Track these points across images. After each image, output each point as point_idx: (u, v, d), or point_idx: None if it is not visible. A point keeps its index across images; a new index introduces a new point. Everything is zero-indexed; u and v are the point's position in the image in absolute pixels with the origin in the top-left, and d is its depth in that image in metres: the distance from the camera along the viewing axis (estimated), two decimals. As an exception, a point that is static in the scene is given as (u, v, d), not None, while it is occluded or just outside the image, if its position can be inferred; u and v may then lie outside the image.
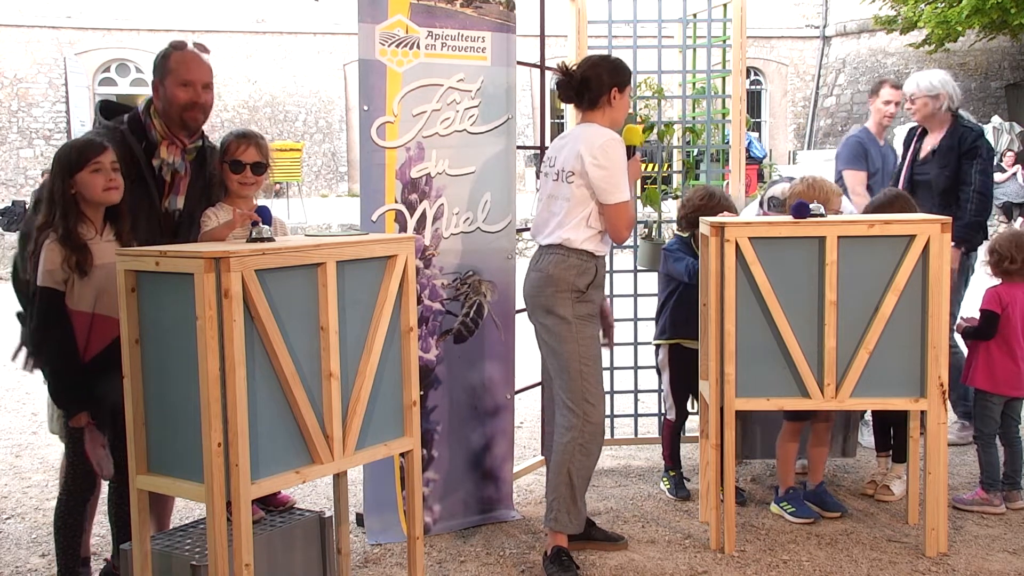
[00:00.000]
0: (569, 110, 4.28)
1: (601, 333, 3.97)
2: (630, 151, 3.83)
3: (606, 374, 4.26)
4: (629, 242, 5.75)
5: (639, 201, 5.10)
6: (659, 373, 4.79)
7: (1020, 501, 4.30)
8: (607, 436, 4.66)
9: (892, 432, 4.58)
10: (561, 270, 3.71)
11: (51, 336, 3.21)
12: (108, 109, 3.72)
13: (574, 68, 3.85)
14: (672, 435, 4.66)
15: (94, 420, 3.27)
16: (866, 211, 4.57)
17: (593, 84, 3.77)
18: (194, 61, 3.56)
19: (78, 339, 3.24)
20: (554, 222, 3.75)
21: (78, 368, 3.24)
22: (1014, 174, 16.85)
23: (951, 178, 5.04)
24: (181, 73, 3.51)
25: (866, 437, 5.10)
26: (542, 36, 4.64)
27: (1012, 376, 4.28)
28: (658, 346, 4.70)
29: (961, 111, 5.27)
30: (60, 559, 3.41)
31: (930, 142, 5.20)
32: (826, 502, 4.30)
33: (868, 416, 5.13)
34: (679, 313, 4.48)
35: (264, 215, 3.35)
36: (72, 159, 3.23)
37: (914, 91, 5.16)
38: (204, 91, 3.56)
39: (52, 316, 3.20)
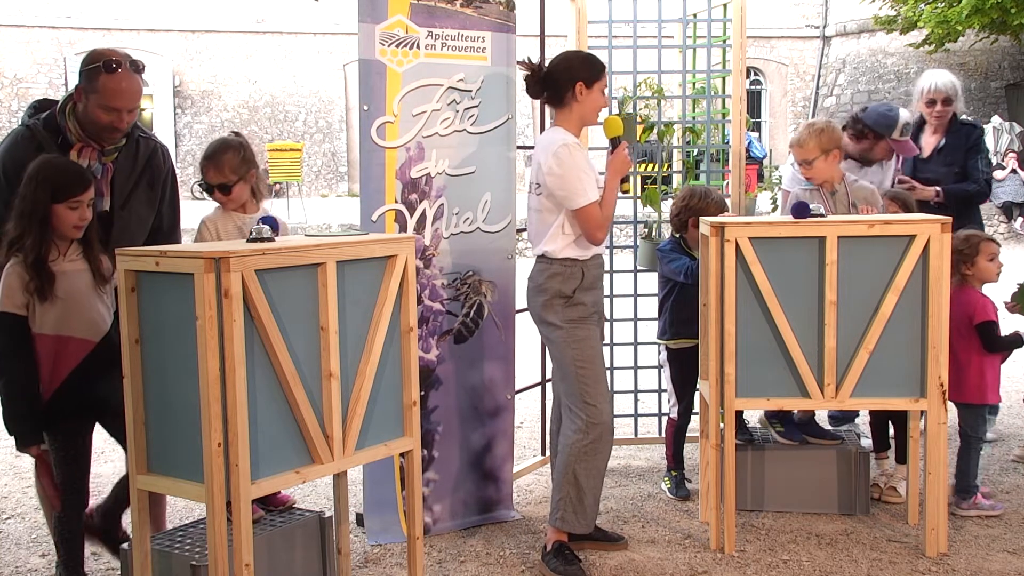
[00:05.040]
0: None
1: None
2: (615, 143, 3.80)
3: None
4: (629, 242, 5.75)
5: (639, 201, 5.10)
6: (661, 371, 4.79)
7: (972, 509, 4.25)
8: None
9: (895, 432, 4.58)
10: (546, 279, 3.75)
11: (10, 363, 3.16)
12: (42, 107, 3.63)
13: (541, 63, 3.83)
14: (676, 434, 4.65)
15: (46, 450, 3.27)
16: (890, 194, 4.58)
17: (556, 79, 3.74)
18: (124, 85, 3.42)
19: (43, 363, 3.20)
20: (535, 234, 3.81)
21: (35, 398, 3.20)
22: (1013, 171, 16.83)
23: (960, 175, 5.06)
24: (107, 98, 3.40)
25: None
26: (542, 36, 4.64)
27: (951, 383, 4.03)
28: (661, 345, 4.71)
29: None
30: (63, 569, 3.40)
31: (932, 140, 5.17)
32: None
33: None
34: (680, 312, 4.48)
35: (270, 225, 3.41)
36: (57, 187, 3.18)
37: (951, 92, 5.08)
38: (129, 115, 3.48)
39: (13, 342, 3.16)
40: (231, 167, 3.65)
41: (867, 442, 4.95)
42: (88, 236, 3.29)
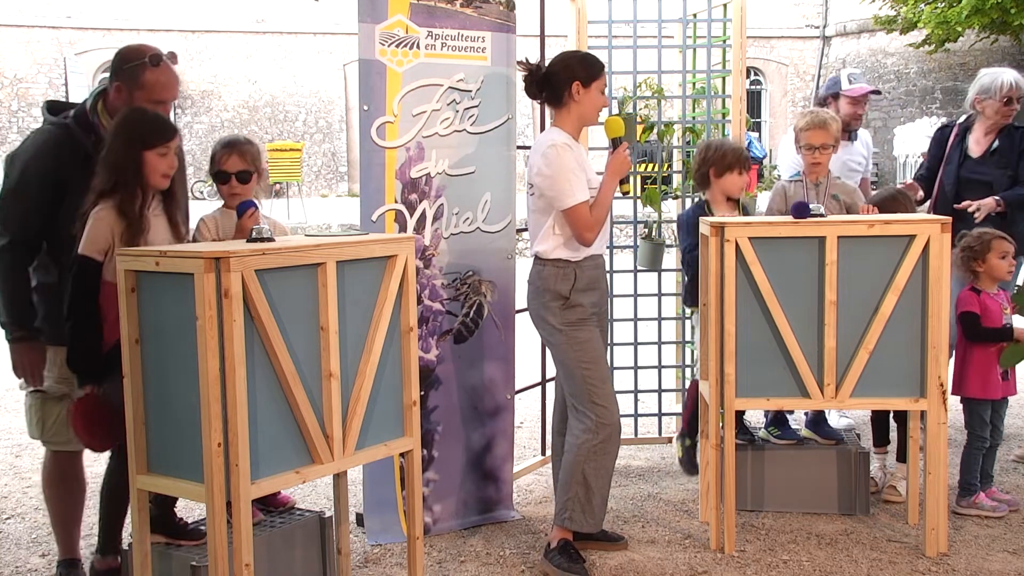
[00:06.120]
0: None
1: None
2: (616, 143, 3.79)
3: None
4: (629, 242, 5.75)
5: (639, 201, 5.10)
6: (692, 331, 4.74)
7: (972, 508, 4.27)
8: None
9: (898, 431, 4.57)
10: (541, 280, 3.75)
11: (83, 305, 3.15)
12: (55, 108, 3.63)
13: (539, 63, 3.84)
14: (699, 398, 4.60)
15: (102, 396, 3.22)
16: (871, 201, 4.56)
17: (553, 79, 3.74)
18: (167, 78, 3.47)
19: (109, 311, 3.17)
20: (532, 234, 3.82)
21: (99, 339, 3.18)
22: None
23: (1013, 178, 4.98)
24: (155, 92, 3.43)
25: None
26: (542, 36, 4.64)
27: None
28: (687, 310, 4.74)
29: None
30: (105, 526, 3.34)
31: (984, 141, 5.07)
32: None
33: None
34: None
35: (248, 208, 3.45)
36: (148, 134, 3.20)
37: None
38: (169, 107, 3.53)
39: (88, 285, 3.15)
40: (251, 156, 3.67)
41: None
42: (171, 189, 3.30)
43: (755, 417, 4.80)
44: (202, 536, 3.31)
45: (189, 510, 4.28)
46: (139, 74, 3.43)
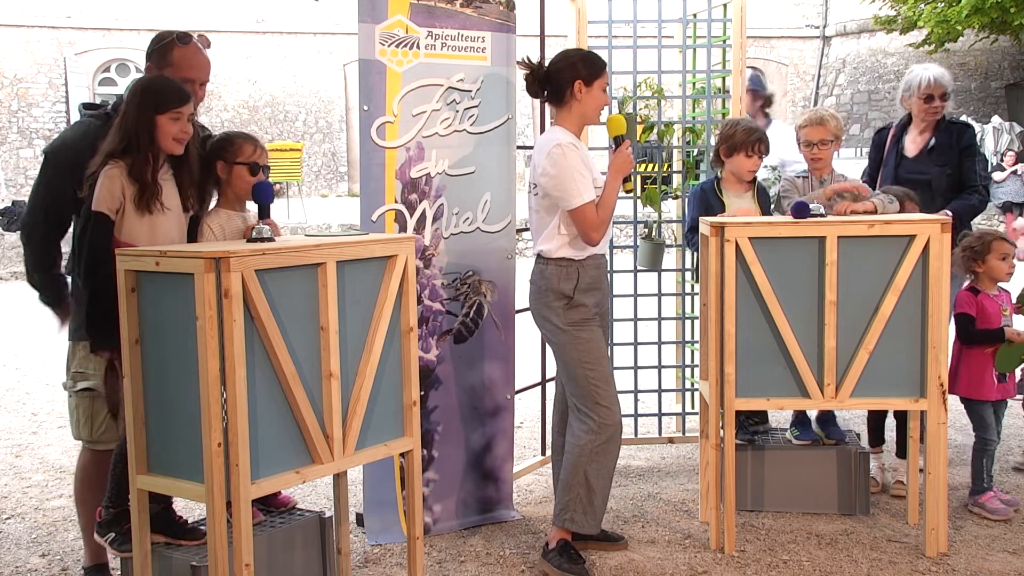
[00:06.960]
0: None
1: None
2: (618, 141, 3.78)
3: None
4: (629, 242, 5.73)
5: (639, 201, 5.10)
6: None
7: (976, 508, 4.26)
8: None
9: (897, 428, 4.58)
10: (544, 279, 3.75)
11: (103, 264, 3.10)
12: (91, 107, 3.67)
13: (541, 62, 3.83)
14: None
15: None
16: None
17: (555, 77, 3.73)
18: (196, 58, 3.53)
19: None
20: (534, 233, 3.82)
21: (114, 300, 3.12)
22: (1014, 172, 16.85)
23: (953, 176, 4.87)
24: (183, 70, 3.47)
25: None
26: (542, 36, 4.64)
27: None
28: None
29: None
30: (113, 487, 3.29)
31: (920, 140, 4.96)
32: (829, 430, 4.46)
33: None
34: None
35: (265, 191, 3.39)
36: (160, 99, 3.20)
37: (949, 86, 4.95)
38: (200, 88, 3.54)
39: (106, 242, 3.13)
40: (267, 152, 3.65)
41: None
42: (184, 157, 3.30)
43: (774, 418, 4.76)
44: (202, 535, 3.30)
45: (189, 510, 4.28)
46: (167, 52, 3.49)
